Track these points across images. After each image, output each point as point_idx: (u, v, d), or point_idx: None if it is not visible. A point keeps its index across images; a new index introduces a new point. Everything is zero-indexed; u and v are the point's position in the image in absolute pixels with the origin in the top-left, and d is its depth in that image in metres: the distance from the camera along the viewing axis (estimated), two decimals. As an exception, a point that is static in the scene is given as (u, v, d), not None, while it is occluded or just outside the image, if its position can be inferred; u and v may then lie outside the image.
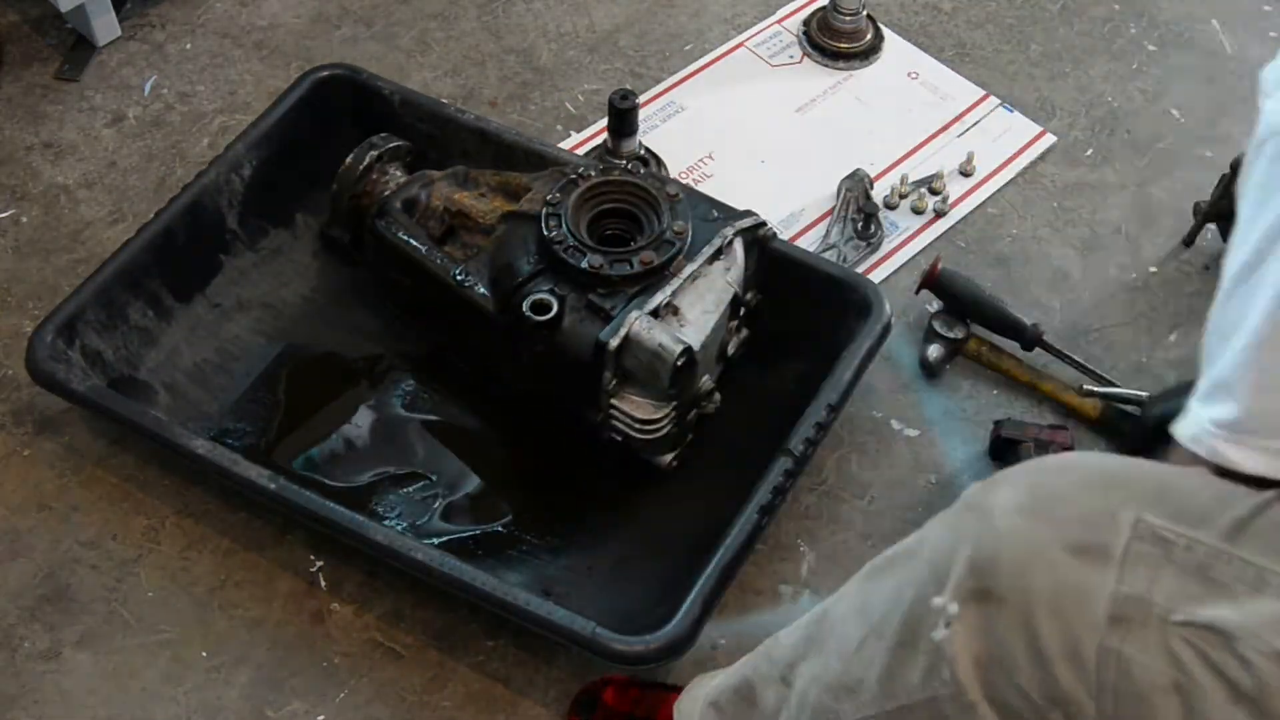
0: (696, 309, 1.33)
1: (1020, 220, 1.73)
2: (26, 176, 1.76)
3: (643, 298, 1.31)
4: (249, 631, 1.36)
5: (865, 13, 1.91)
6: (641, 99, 1.49)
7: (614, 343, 1.27)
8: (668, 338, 1.27)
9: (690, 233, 1.34)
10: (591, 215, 1.37)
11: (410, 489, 1.42)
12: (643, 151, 1.46)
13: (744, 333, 1.44)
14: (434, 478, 1.43)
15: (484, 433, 1.48)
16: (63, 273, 1.65)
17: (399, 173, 1.50)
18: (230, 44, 1.94)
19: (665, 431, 1.35)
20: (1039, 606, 0.75)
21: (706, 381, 1.35)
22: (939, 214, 1.73)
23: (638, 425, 1.34)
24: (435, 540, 1.36)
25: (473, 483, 1.43)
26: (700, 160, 1.77)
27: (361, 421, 1.48)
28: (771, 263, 1.44)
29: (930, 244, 1.70)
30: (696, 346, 1.28)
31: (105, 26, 1.90)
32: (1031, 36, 1.96)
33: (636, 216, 1.37)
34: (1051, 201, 1.75)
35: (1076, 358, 1.53)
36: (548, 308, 1.30)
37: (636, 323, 1.28)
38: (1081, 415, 1.49)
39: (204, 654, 1.34)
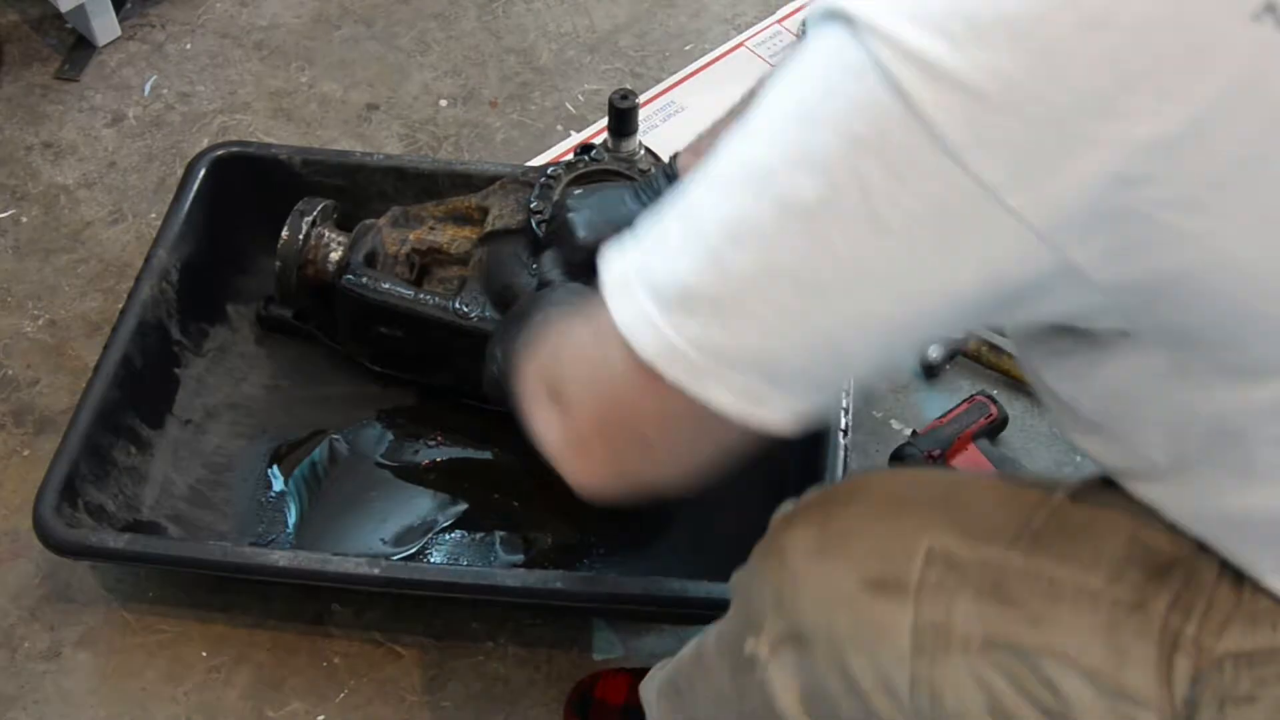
0: None
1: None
2: (26, 176, 1.76)
3: None
4: (249, 631, 1.35)
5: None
6: (641, 99, 1.49)
7: None
8: None
9: None
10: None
11: (461, 536, 1.39)
12: (642, 151, 1.46)
13: None
14: (478, 518, 1.41)
15: (504, 460, 1.46)
16: (63, 273, 1.65)
17: (334, 233, 1.46)
18: (230, 44, 1.94)
19: None
20: (847, 645, 0.75)
21: None
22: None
23: None
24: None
25: (516, 510, 1.42)
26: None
27: (381, 488, 1.43)
28: None
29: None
30: None
31: (105, 26, 1.90)
32: (1032, 36, 1.95)
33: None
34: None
35: (1076, 357, 1.53)
36: None
37: None
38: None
39: (204, 654, 1.34)
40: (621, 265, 0.65)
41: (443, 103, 1.87)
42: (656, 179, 1.19)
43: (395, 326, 1.41)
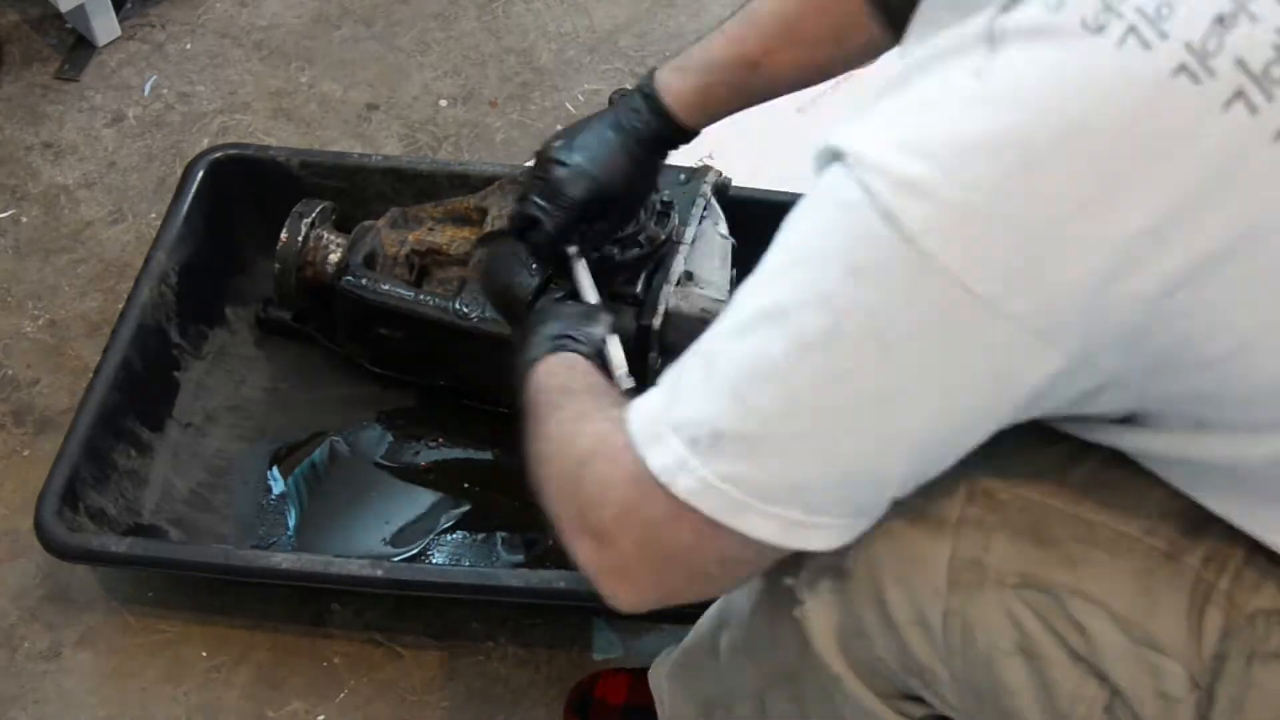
0: (708, 268, 1.34)
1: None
2: (26, 176, 1.76)
3: (659, 274, 1.32)
4: (249, 631, 1.35)
5: (865, 13, 1.90)
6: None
7: (656, 322, 1.28)
8: (706, 301, 1.29)
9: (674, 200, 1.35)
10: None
11: (462, 537, 1.39)
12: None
13: (734, 272, 1.45)
14: (479, 518, 1.41)
15: (505, 460, 1.46)
16: (63, 273, 1.65)
17: (333, 234, 1.46)
18: (230, 44, 1.94)
19: None
20: (885, 577, 0.76)
21: None
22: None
23: None
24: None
25: (517, 510, 1.41)
26: (700, 160, 1.77)
27: (381, 489, 1.43)
28: (734, 206, 1.44)
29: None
30: (726, 302, 1.30)
31: (105, 26, 1.90)
32: (1031, 36, 1.95)
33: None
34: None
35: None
36: None
37: (671, 298, 1.29)
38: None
39: (204, 654, 1.34)
40: (648, 412, 0.70)
41: (443, 103, 1.87)
42: (640, 115, 1.13)
43: (395, 328, 1.41)
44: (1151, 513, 0.72)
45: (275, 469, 1.44)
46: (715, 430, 0.65)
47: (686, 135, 1.14)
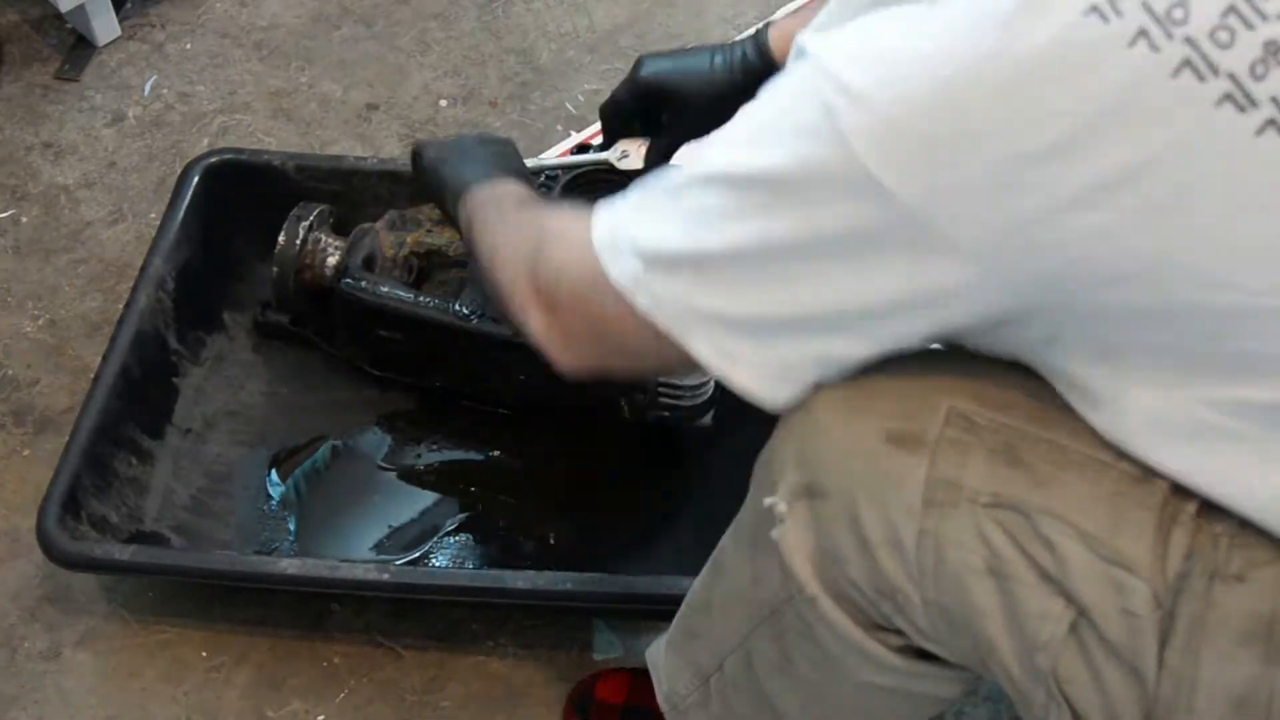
0: None
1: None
2: (26, 176, 1.76)
3: None
4: (249, 632, 1.36)
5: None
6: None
7: None
8: None
9: None
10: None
11: (465, 539, 1.39)
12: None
13: None
14: (481, 520, 1.41)
15: (507, 461, 1.46)
16: (63, 273, 1.65)
17: (331, 237, 1.46)
18: (230, 44, 1.94)
19: (711, 392, 1.36)
20: (860, 496, 0.77)
21: None
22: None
23: (689, 392, 1.35)
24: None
25: (519, 511, 1.41)
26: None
27: (383, 492, 1.43)
28: None
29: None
30: None
31: (105, 26, 1.90)
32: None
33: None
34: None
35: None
36: None
37: None
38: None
39: (204, 654, 1.34)
40: (613, 224, 0.80)
41: (443, 103, 1.87)
42: (744, 45, 1.19)
43: (395, 329, 1.41)
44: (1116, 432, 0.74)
45: (276, 474, 1.43)
46: (669, 256, 0.76)
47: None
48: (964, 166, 0.65)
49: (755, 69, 1.17)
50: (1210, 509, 0.72)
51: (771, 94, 0.74)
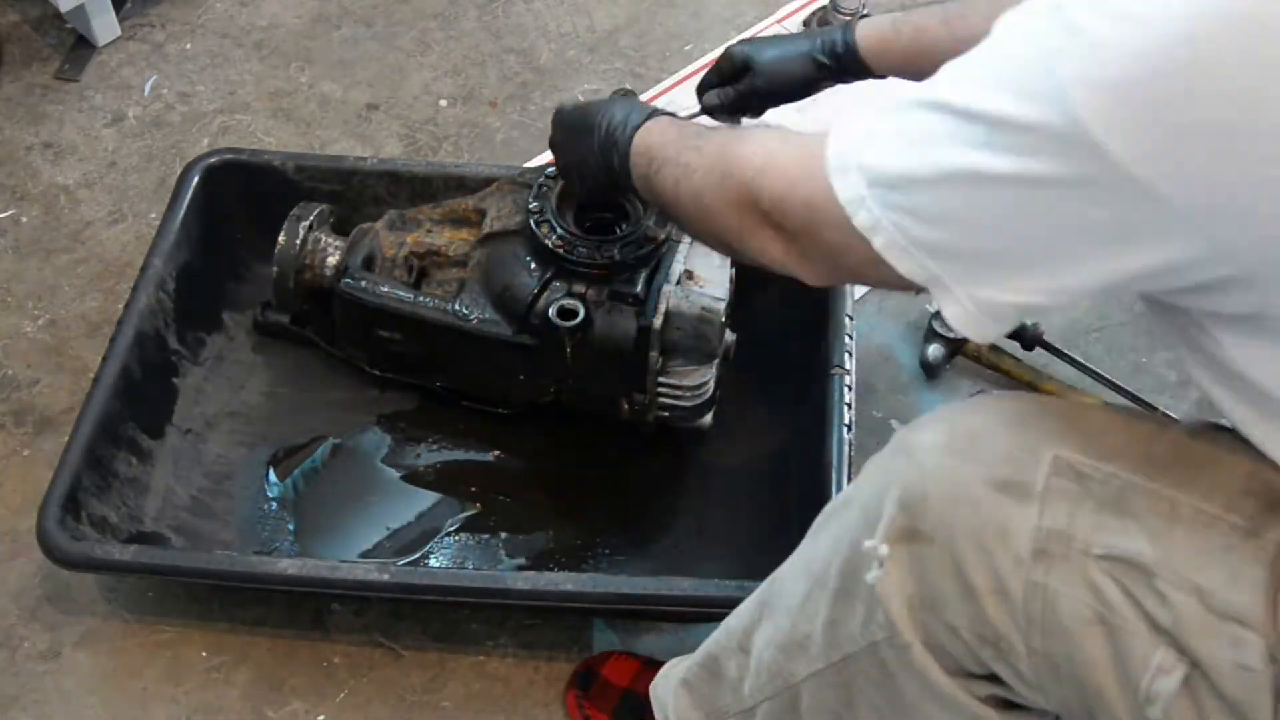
0: (707, 266, 1.35)
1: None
2: (26, 176, 1.76)
3: (659, 273, 1.32)
4: (249, 632, 1.36)
5: (865, 12, 1.91)
6: (641, 99, 1.49)
7: (657, 322, 1.29)
8: (707, 300, 1.30)
9: None
10: (575, 212, 1.37)
11: (465, 539, 1.39)
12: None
13: (733, 270, 1.45)
14: (481, 520, 1.41)
15: (506, 462, 1.46)
16: (63, 273, 1.65)
17: (331, 237, 1.46)
18: (230, 44, 1.94)
19: (711, 392, 1.37)
20: (966, 543, 0.77)
21: (729, 333, 1.36)
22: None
23: (689, 392, 1.35)
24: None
25: (519, 512, 1.41)
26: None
27: (383, 492, 1.43)
28: None
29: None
30: (727, 300, 1.31)
31: (105, 26, 1.90)
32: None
33: (615, 201, 1.38)
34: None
35: (1076, 357, 1.53)
36: (575, 312, 1.30)
37: (672, 297, 1.30)
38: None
39: (204, 654, 1.34)
40: (846, 142, 0.79)
41: (443, 103, 1.87)
42: (836, 33, 1.21)
43: (395, 329, 1.41)
44: (1232, 489, 0.74)
45: (276, 474, 1.44)
46: (890, 182, 0.75)
47: (861, 68, 1.21)
48: (1194, 134, 0.63)
49: (840, 57, 1.20)
50: None
51: (1010, 30, 0.71)
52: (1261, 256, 0.66)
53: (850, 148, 0.78)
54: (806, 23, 1.94)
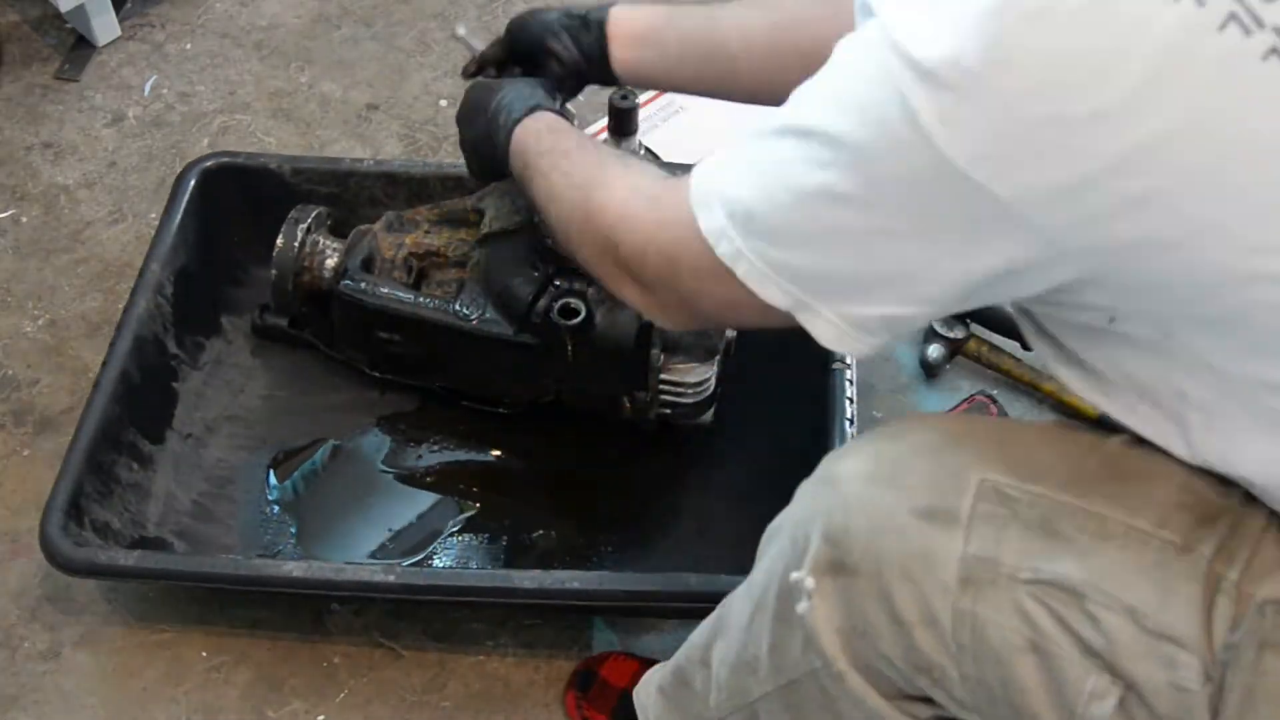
0: None
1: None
2: (26, 176, 1.76)
3: None
4: (249, 632, 1.36)
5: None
6: (641, 99, 1.49)
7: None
8: None
9: None
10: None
11: (468, 540, 1.39)
12: (642, 151, 1.46)
13: None
14: (483, 521, 1.41)
15: (507, 462, 1.46)
16: (63, 273, 1.65)
17: (329, 239, 1.45)
18: (230, 44, 1.94)
19: (712, 389, 1.37)
20: (892, 574, 0.76)
21: (729, 329, 1.36)
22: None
23: (691, 389, 1.35)
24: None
25: (520, 511, 1.41)
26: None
27: (384, 494, 1.43)
28: None
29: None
30: None
31: (105, 26, 1.90)
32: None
33: None
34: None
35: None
36: (577, 310, 1.30)
37: None
38: (1082, 416, 1.49)
39: (204, 654, 1.34)
40: (706, 176, 0.80)
41: (443, 103, 1.87)
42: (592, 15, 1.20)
43: (395, 331, 1.41)
44: (1164, 503, 0.73)
45: (277, 477, 1.44)
46: (748, 211, 0.76)
47: (604, 71, 1.21)
48: (1015, 130, 0.64)
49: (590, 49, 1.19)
50: (1252, 573, 0.71)
51: (846, 54, 0.72)
52: (1097, 255, 0.66)
53: (710, 183, 0.79)
54: (806, 23, 1.94)
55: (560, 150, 1.04)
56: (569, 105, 1.26)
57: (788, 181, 0.73)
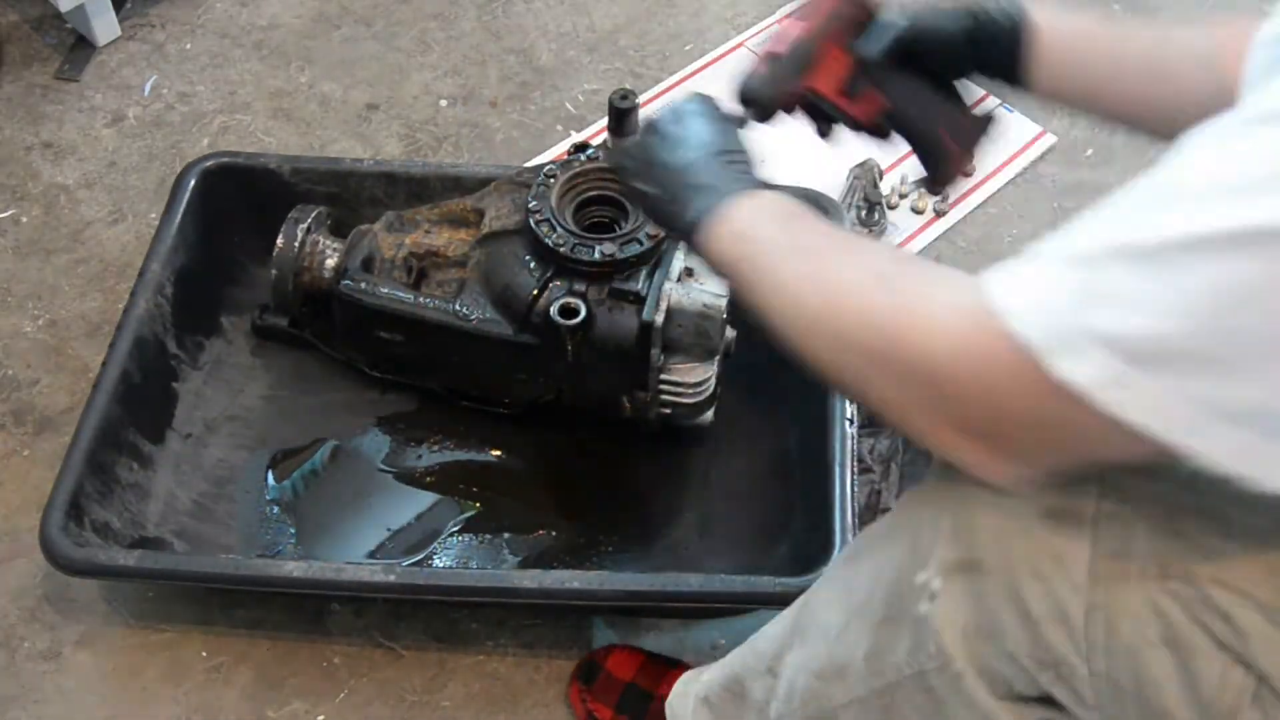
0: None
1: (1020, 220, 1.73)
2: (26, 176, 1.76)
3: (659, 270, 1.32)
4: (249, 631, 1.36)
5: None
6: (641, 99, 1.49)
7: (659, 319, 1.29)
8: (708, 296, 1.31)
9: None
10: (574, 210, 1.37)
11: (468, 540, 1.39)
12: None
13: None
14: (483, 521, 1.41)
15: (507, 462, 1.46)
16: (63, 273, 1.65)
17: (329, 239, 1.46)
18: (230, 44, 1.94)
19: (712, 389, 1.37)
20: (1022, 572, 0.76)
21: (730, 329, 1.36)
22: (939, 214, 1.73)
23: (690, 390, 1.35)
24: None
25: (521, 511, 1.41)
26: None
27: (384, 494, 1.43)
28: None
29: (930, 244, 1.70)
30: (727, 297, 1.32)
31: (105, 26, 1.90)
32: (1031, 36, 1.95)
33: (615, 199, 1.38)
34: (1051, 202, 1.75)
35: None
36: (577, 310, 1.30)
37: (673, 294, 1.30)
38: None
39: (204, 654, 1.34)
40: (1049, 314, 0.64)
41: (443, 103, 1.87)
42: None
43: (395, 330, 1.41)
44: (1276, 502, 0.72)
45: (277, 477, 1.43)
46: (1163, 347, 0.61)
47: (1014, 50, 0.96)
48: None
49: (998, 27, 0.96)
50: None
51: (1266, 134, 0.61)
52: None
53: (1069, 317, 0.64)
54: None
55: (794, 236, 0.82)
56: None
57: (1227, 306, 0.59)
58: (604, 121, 1.67)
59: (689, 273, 1.35)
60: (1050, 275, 0.66)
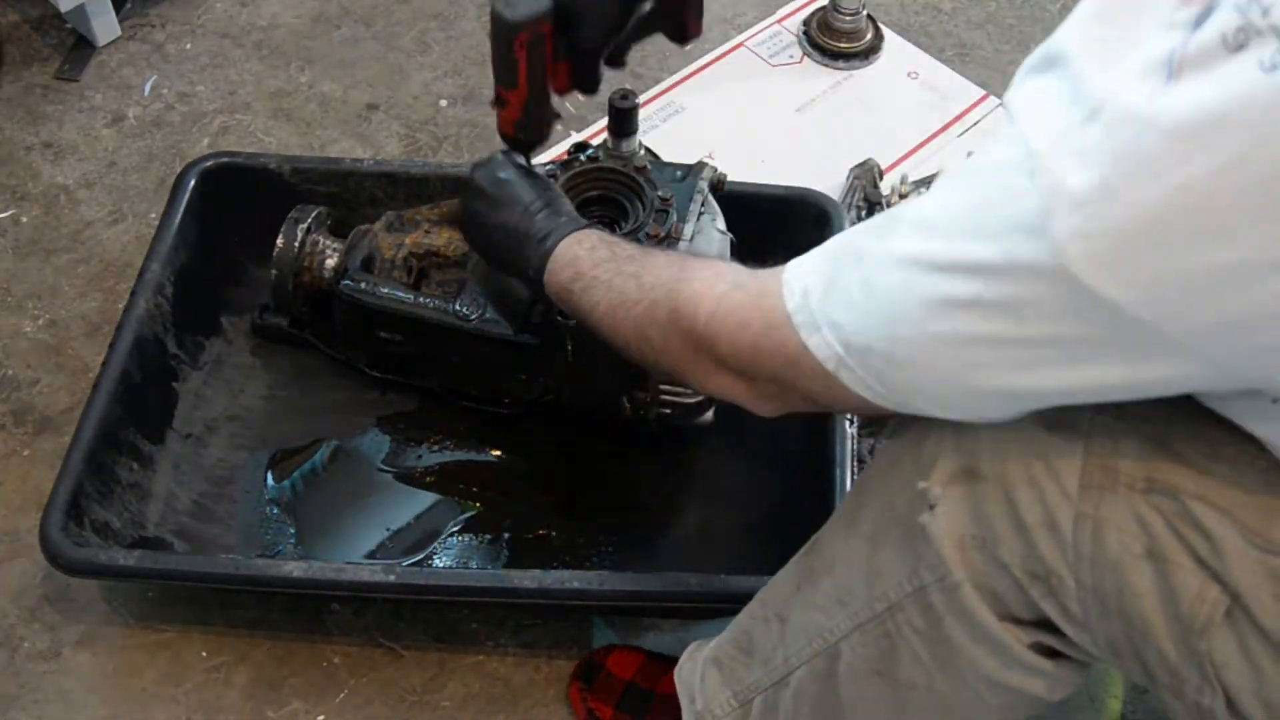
0: None
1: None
2: (26, 176, 1.76)
3: None
4: (249, 632, 1.36)
5: (865, 12, 1.91)
6: (641, 99, 1.49)
7: None
8: None
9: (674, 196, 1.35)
10: (575, 209, 1.37)
11: (469, 540, 1.39)
12: (642, 151, 1.46)
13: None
14: (483, 521, 1.40)
15: (507, 462, 1.46)
16: (63, 273, 1.65)
17: (329, 239, 1.46)
18: (230, 44, 1.94)
19: None
20: (1017, 480, 0.78)
21: None
22: (939, 214, 1.73)
23: (690, 390, 1.35)
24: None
25: (521, 511, 1.41)
26: (700, 160, 1.76)
27: (384, 494, 1.43)
28: (729, 202, 1.44)
29: (930, 244, 1.70)
30: None
31: (105, 26, 1.90)
32: (1031, 36, 1.96)
33: (615, 199, 1.38)
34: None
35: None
36: None
37: None
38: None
39: (204, 654, 1.34)
40: (804, 296, 0.80)
41: (443, 103, 1.87)
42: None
43: (395, 331, 1.41)
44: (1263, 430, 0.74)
45: (277, 477, 1.43)
46: (865, 345, 0.76)
47: None
48: (1192, 272, 0.61)
49: None
50: None
51: (978, 172, 0.71)
52: (1267, 374, 0.67)
53: (814, 303, 0.79)
54: (806, 23, 1.94)
55: (623, 258, 1.02)
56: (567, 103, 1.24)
57: (916, 319, 0.72)
58: (604, 121, 1.67)
59: None
60: (815, 262, 0.81)
